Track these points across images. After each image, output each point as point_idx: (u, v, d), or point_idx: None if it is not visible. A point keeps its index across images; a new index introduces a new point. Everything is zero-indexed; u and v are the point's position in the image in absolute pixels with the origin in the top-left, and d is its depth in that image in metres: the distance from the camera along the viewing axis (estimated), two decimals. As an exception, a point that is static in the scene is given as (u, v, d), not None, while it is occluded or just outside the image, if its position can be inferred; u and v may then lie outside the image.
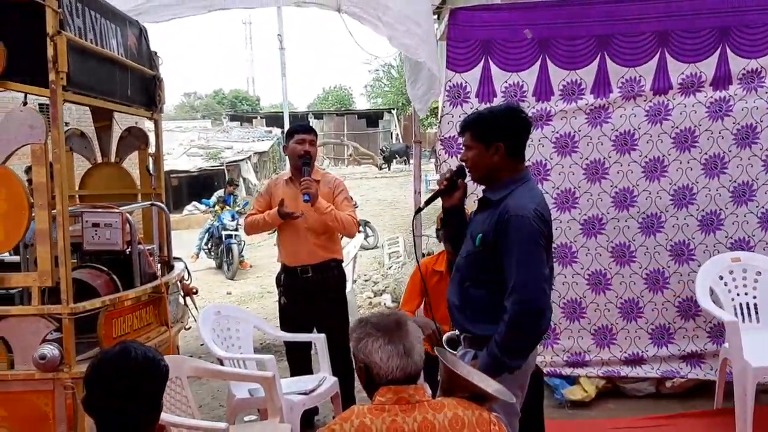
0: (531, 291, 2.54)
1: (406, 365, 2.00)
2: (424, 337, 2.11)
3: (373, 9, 4.61)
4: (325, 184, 4.46)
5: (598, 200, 4.54)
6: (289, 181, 4.50)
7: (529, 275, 2.54)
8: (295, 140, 4.43)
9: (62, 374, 2.89)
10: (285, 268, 4.51)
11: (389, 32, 4.65)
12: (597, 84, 4.46)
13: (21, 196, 2.85)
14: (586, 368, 4.61)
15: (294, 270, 4.42)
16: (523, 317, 2.52)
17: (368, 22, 4.66)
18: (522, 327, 2.54)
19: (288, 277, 4.47)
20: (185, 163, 22.40)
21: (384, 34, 4.68)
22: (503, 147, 2.69)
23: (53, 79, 2.83)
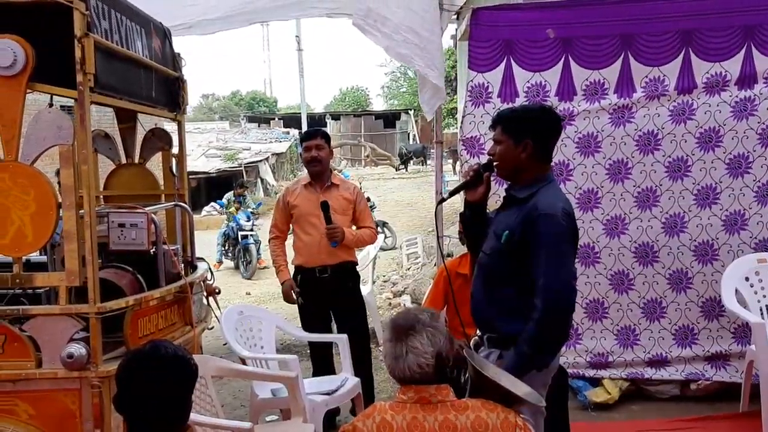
0: (561, 289, 2.55)
1: (394, 368, 2.03)
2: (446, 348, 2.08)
3: (373, 20, 4.78)
4: (345, 190, 4.54)
5: (621, 200, 4.51)
6: (309, 185, 4.56)
7: (559, 273, 2.55)
8: (303, 148, 4.58)
9: (89, 373, 2.91)
10: (301, 269, 4.53)
11: (386, 42, 4.79)
12: (620, 83, 4.44)
13: (49, 197, 2.88)
14: (609, 370, 4.58)
15: (311, 271, 4.45)
16: (553, 315, 2.53)
17: (369, 32, 4.81)
18: (552, 325, 2.55)
19: (304, 278, 4.50)
20: (204, 164, 22.55)
21: (382, 44, 4.83)
22: (532, 144, 2.69)
23: (80, 80, 2.85)
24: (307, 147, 4.51)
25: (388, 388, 5.30)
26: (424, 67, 4.83)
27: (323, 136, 4.59)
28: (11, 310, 2.97)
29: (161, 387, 1.96)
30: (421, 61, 4.79)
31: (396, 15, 4.72)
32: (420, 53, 4.77)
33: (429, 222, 13.92)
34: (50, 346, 2.93)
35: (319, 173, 4.52)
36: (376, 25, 4.80)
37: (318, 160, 4.46)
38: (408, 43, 4.75)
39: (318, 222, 4.39)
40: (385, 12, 4.74)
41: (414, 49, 4.76)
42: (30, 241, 2.91)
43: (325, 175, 4.54)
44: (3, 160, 2.89)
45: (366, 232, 4.58)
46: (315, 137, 4.55)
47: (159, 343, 2.08)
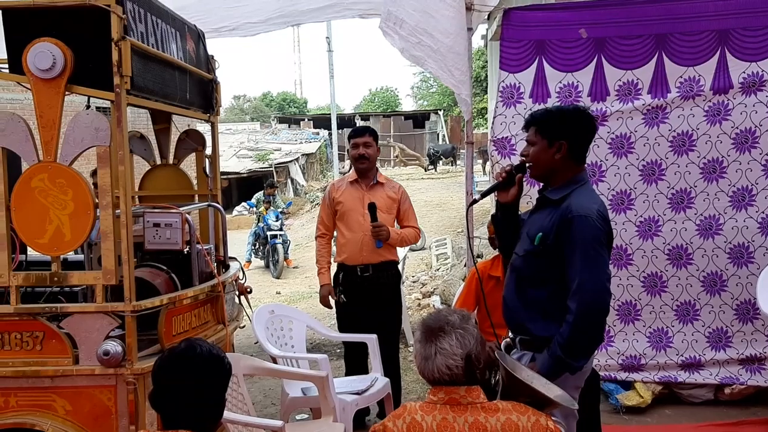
0: (596, 291, 2.53)
1: (423, 368, 2.04)
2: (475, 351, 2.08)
3: (393, 23, 4.84)
4: (390, 189, 4.59)
5: (654, 202, 4.46)
6: (354, 182, 4.61)
7: (594, 275, 2.53)
8: (351, 145, 4.63)
9: (124, 370, 2.96)
10: (344, 267, 4.56)
11: (402, 44, 4.86)
12: (654, 84, 4.38)
13: (87, 197, 2.93)
14: (642, 373, 4.53)
15: (353, 269, 4.48)
16: (588, 317, 2.52)
17: (388, 35, 4.93)
18: (586, 327, 2.53)
19: (347, 276, 4.53)
20: (235, 164, 22.76)
21: (398, 46, 4.90)
22: (566, 146, 2.68)
23: (118, 82, 2.90)
24: (355, 144, 4.56)
25: (417, 389, 5.31)
26: (437, 69, 4.89)
27: (371, 134, 4.64)
28: (50, 307, 3.04)
29: (196, 385, 1.99)
30: (434, 63, 4.85)
31: (412, 18, 4.80)
32: (433, 55, 4.83)
33: (458, 223, 13.88)
34: (87, 343, 2.98)
35: (365, 170, 4.57)
36: (395, 28, 4.88)
37: (366, 157, 4.52)
38: (422, 46, 4.82)
39: (362, 220, 4.44)
40: (403, 15, 4.81)
41: (427, 51, 4.83)
42: (68, 240, 2.96)
43: (371, 173, 4.59)
44: (42, 160, 2.95)
45: (410, 231, 4.60)
46: (363, 135, 4.60)
47: (194, 341, 2.12)
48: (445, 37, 4.74)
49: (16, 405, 3.03)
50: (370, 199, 4.45)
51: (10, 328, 3.02)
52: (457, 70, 4.78)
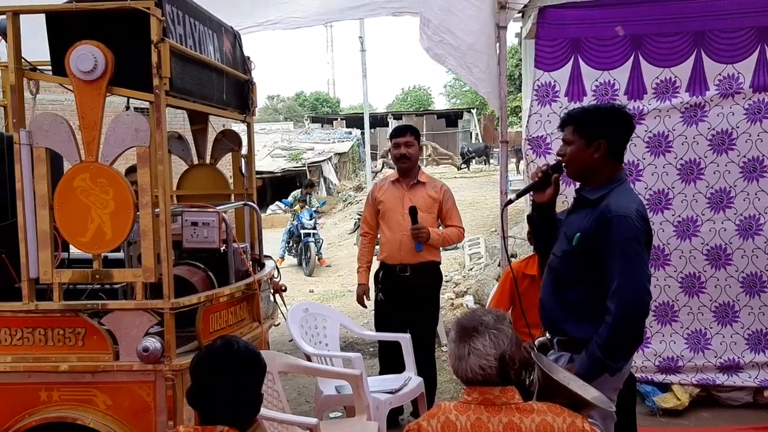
0: (635, 292, 2.50)
1: (457, 368, 2.03)
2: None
3: (423, 24, 4.96)
4: (432, 188, 4.58)
5: (693, 201, 4.39)
6: (395, 182, 4.63)
7: (634, 276, 2.50)
8: (392, 145, 4.64)
9: (163, 366, 3.02)
10: (384, 265, 4.59)
11: (427, 44, 5.00)
12: (692, 81, 4.32)
13: (127, 196, 2.99)
14: (679, 375, 4.47)
15: (393, 268, 4.49)
16: (627, 318, 2.49)
17: (420, 35, 5.07)
18: (626, 328, 2.50)
19: (387, 275, 4.55)
20: (269, 164, 22.98)
21: (424, 45, 5.04)
22: (605, 145, 2.65)
23: (157, 84, 2.95)
24: (397, 144, 4.57)
25: (451, 389, 5.30)
26: (456, 66, 4.96)
27: (413, 133, 4.63)
28: (91, 304, 3.11)
29: (234, 381, 2.02)
30: (454, 60, 4.91)
31: (437, 16, 4.89)
32: (453, 53, 4.89)
33: (491, 222, 13.81)
34: (127, 339, 3.04)
35: (407, 170, 4.58)
36: (423, 28, 5.01)
37: (407, 156, 4.52)
38: (444, 44, 4.90)
39: (401, 220, 4.45)
40: (429, 14, 4.92)
41: (448, 49, 4.89)
42: (109, 238, 3.03)
43: (413, 172, 4.59)
44: (84, 160, 3.02)
45: (453, 231, 4.57)
46: (404, 134, 4.59)
47: (230, 338, 2.15)
48: (466, 35, 4.80)
49: (59, 399, 3.11)
50: (410, 198, 4.46)
51: (53, 325, 3.10)
52: (476, 67, 4.81)
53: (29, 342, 3.11)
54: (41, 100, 3.55)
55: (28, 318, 3.10)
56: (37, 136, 3.04)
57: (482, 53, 4.78)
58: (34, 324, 3.11)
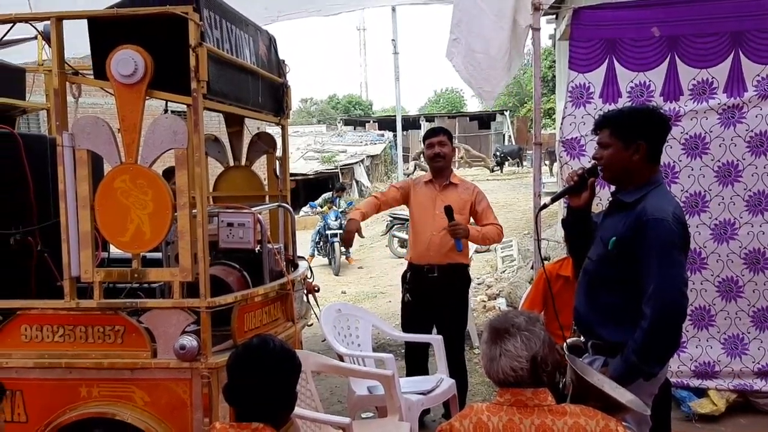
0: (672, 296, 2.47)
1: (489, 369, 2.04)
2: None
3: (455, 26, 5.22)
4: (464, 190, 4.59)
5: (730, 204, 4.32)
6: (429, 183, 4.65)
7: (670, 280, 2.47)
8: (426, 145, 4.66)
9: (199, 364, 3.07)
10: (411, 266, 4.60)
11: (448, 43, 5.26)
12: (730, 82, 4.25)
13: (165, 197, 3.05)
14: (716, 380, 4.39)
15: (420, 268, 4.51)
16: (664, 323, 2.46)
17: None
18: (662, 333, 2.48)
19: (414, 275, 4.56)
20: (302, 166, 23.13)
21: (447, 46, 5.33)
22: (645, 147, 2.63)
23: (195, 87, 3.01)
24: (430, 144, 4.60)
25: (482, 391, 5.29)
26: (460, 63, 5.19)
27: (446, 134, 4.67)
28: (130, 302, 3.19)
29: (269, 379, 2.06)
30: (459, 58, 5.15)
31: (455, 16, 5.13)
32: (457, 47, 5.12)
33: (524, 225, 13.72)
34: (164, 337, 3.11)
35: (441, 169, 4.60)
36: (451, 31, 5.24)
37: (441, 156, 4.56)
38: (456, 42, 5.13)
39: (432, 220, 4.46)
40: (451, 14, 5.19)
41: (457, 46, 5.12)
42: (148, 238, 3.09)
43: (446, 173, 4.61)
44: (124, 162, 3.09)
45: (491, 228, 4.51)
46: (438, 134, 4.63)
47: (266, 337, 2.19)
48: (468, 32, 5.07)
49: (98, 395, 3.18)
50: (442, 199, 4.46)
51: (93, 322, 3.17)
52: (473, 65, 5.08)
53: (70, 339, 3.20)
54: (81, 103, 3.63)
55: (70, 315, 3.18)
56: (79, 139, 3.11)
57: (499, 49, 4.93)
58: (75, 321, 3.19)
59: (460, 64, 5.37)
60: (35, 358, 3.18)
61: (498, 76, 5.33)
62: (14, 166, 3.58)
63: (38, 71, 4.65)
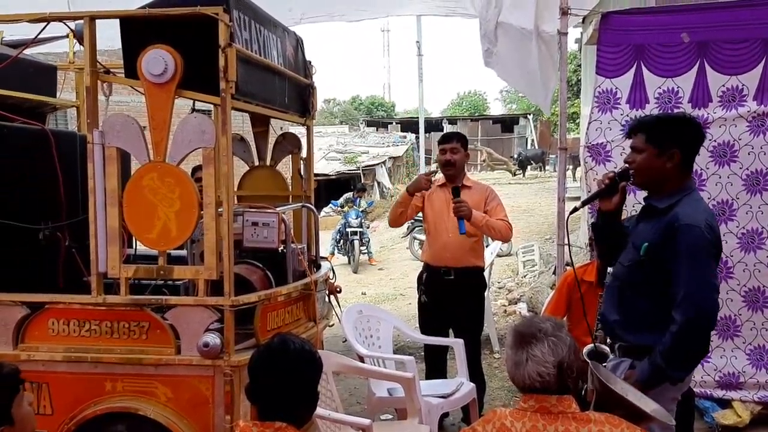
0: (702, 302, 2.49)
1: (515, 375, 2.02)
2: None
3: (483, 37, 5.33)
4: (477, 192, 4.57)
5: (758, 213, 4.26)
6: (443, 186, 4.63)
7: (700, 286, 2.49)
8: (439, 150, 4.67)
9: (222, 362, 3.10)
10: (428, 267, 4.61)
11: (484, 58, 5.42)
12: (761, 90, 4.19)
13: (192, 196, 3.09)
14: (740, 391, 4.33)
15: (437, 270, 4.51)
16: (693, 329, 2.48)
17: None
18: (690, 338, 2.49)
19: (430, 277, 4.57)
20: (324, 166, 23.19)
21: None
22: (679, 155, 2.64)
23: (223, 87, 3.04)
24: (443, 150, 4.60)
25: (502, 396, 5.27)
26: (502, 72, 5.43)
27: (459, 140, 4.64)
28: (156, 299, 3.23)
29: (291, 378, 2.07)
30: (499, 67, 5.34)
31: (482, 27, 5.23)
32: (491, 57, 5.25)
33: (546, 229, 13.64)
34: (188, 334, 3.14)
35: (452, 176, 4.59)
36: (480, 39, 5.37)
37: (451, 163, 4.54)
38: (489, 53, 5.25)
39: (445, 223, 4.46)
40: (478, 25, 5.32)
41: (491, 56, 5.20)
42: (174, 236, 3.13)
43: (458, 178, 4.59)
44: (152, 160, 3.12)
45: (499, 222, 4.46)
46: (451, 141, 4.62)
47: (287, 337, 2.19)
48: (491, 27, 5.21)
49: (122, 390, 3.22)
50: None
51: (119, 318, 3.22)
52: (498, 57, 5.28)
53: (96, 333, 3.24)
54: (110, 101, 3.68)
55: (96, 311, 3.23)
56: (109, 136, 3.16)
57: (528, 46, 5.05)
58: (101, 317, 3.23)
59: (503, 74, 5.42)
60: (62, 351, 3.23)
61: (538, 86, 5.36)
62: (45, 162, 3.64)
63: (69, 69, 4.73)
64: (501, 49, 5.31)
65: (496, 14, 5.10)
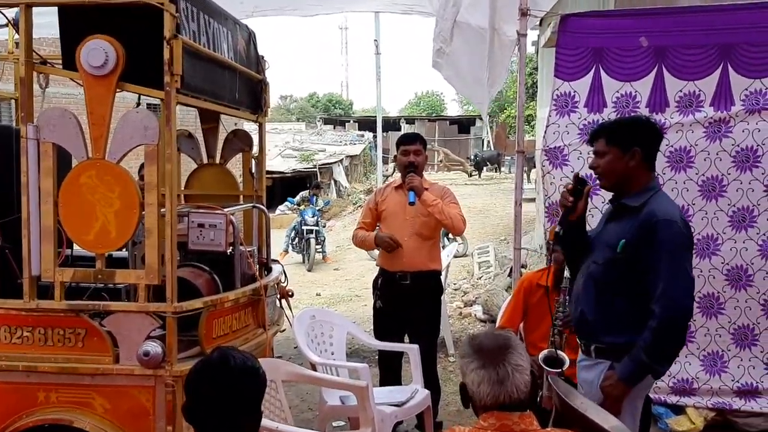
0: (680, 296, 2.59)
1: (497, 393, 1.87)
2: None
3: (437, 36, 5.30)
4: (435, 192, 4.48)
5: (713, 219, 4.25)
6: (399, 187, 4.51)
7: (679, 280, 2.59)
8: (400, 151, 4.51)
9: (164, 372, 2.94)
10: (383, 272, 4.49)
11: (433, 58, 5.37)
12: (718, 96, 4.18)
13: (133, 195, 2.92)
14: (694, 397, 4.33)
15: (393, 275, 4.40)
16: (673, 321, 2.59)
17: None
18: (671, 331, 2.60)
19: (386, 282, 4.45)
20: (279, 164, 22.90)
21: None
22: (640, 153, 2.75)
23: (168, 81, 2.88)
24: (405, 151, 4.46)
25: (456, 401, 5.19)
26: (449, 75, 5.40)
27: (422, 142, 4.55)
28: (93, 304, 3.04)
29: (232, 396, 1.92)
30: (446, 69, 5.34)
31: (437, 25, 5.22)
32: (442, 57, 5.26)
33: (501, 230, 13.69)
34: (128, 342, 2.97)
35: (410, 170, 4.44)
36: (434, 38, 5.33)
37: (415, 165, 4.41)
38: (441, 52, 5.25)
39: (401, 226, 4.36)
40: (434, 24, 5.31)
41: (442, 56, 5.24)
42: (113, 237, 2.96)
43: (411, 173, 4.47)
44: (91, 157, 2.94)
45: (452, 210, 4.35)
46: (414, 142, 4.49)
47: (227, 351, 2.02)
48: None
49: (56, 401, 3.04)
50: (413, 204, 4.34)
51: (53, 324, 3.03)
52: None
53: (29, 341, 3.05)
54: (55, 93, 3.48)
55: (29, 316, 3.04)
56: (44, 131, 2.99)
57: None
58: (34, 323, 3.04)
59: (450, 76, 5.35)
60: (-9, 360, 3.01)
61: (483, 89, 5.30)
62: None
63: (8, 59, 4.47)
64: (454, 48, 5.25)
65: (454, 13, 5.01)
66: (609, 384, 2.65)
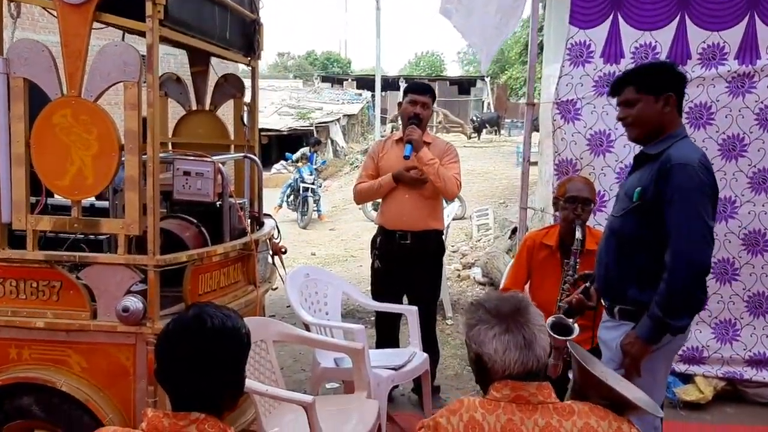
0: (693, 243, 2.37)
1: (527, 359, 1.68)
2: None
3: None
4: (436, 147, 4.19)
5: (732, 180, 4.04)
6: (399, 141, 4.25)
7: (692, 226, 2.37)
8: (407, 100, 4.20)
9: (145, 329, 2.72)
10: (383, 230, 4.25)
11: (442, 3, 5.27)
12: (743, 48, 3.93)
13: (112, 137, 2.67)
14: (704, 366, 4.16)
15: (392, 234, 4.16)
16: (686, 272, 2.37)
17: None
18: (684, 281, 2.37)
19: (385, 240, 4.22)
20: (276, 121, 22.52)
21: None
22: (674, 98, 2.55)
23: (150, 12, 2.61)
24: (413, 101, 4.14)
25: (454, 365, 5.03)
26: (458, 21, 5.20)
27: (432, 95, 4.26)
28: (67, 255, 2.80)
29: (207, 361, 1.67)
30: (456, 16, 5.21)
31: None
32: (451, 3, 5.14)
33: (500, 192, 13.47)
34: (106, 297, 2.75)
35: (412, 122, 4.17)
36: None
37: (420, 117, 4.12)
38: None
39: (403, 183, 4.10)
40: None
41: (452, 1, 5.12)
42: (90, 183, 2.71)
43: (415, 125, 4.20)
44: (66, 95, 2.68)
45: (448, 173, 4.08)
46: (424, 94, 4.19)
47: (204, 310, 1.74)
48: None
49: (29, 358, 2.84)
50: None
51: (25, 276, 2.81)
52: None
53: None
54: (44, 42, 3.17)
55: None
56: (15, 65, 2.73)
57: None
58: (5, 274, 2.83)
59: (458, 22, 5.07)
60: (-42, 313, 2.79)
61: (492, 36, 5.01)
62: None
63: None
64: None
65: None
66: (628, 342, 2.49)
